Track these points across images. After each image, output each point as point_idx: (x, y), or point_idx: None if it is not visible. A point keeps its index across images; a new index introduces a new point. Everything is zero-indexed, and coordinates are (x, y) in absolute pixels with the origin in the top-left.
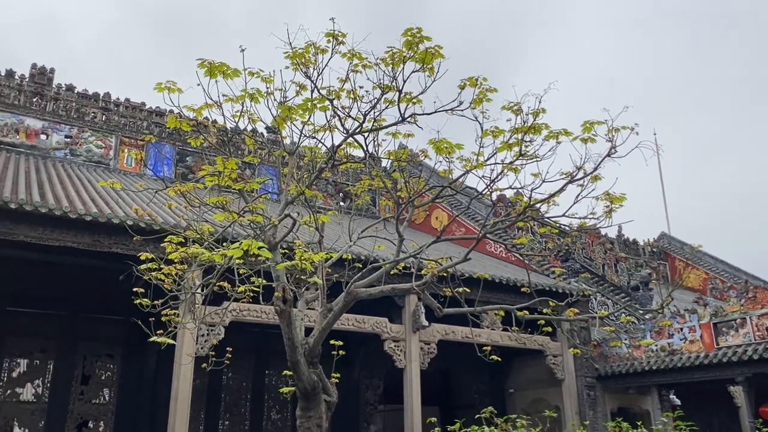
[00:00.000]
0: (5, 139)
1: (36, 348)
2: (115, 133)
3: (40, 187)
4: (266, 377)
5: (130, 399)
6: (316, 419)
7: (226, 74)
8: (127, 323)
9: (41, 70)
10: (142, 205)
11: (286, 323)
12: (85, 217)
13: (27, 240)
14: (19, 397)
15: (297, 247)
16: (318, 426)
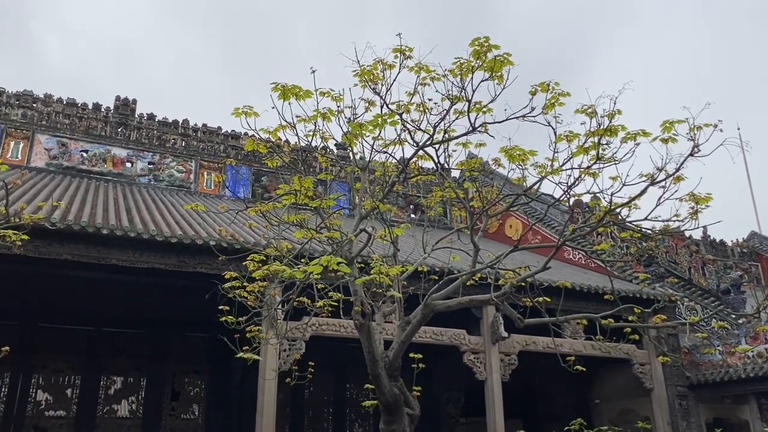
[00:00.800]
0: (94, 168)
1: (129, 366)
2: (194, 157)
3: (128, 213)
4: (347, 391)
5: (218, 414)
6: None
7: (299, 96)
8: (212, 340)
9: (124, 102)
10: (223, 225)
11: (365, 337)
12: (170, 239)
13: (119, 263)
14: (116, 413)
15: (373, 261)
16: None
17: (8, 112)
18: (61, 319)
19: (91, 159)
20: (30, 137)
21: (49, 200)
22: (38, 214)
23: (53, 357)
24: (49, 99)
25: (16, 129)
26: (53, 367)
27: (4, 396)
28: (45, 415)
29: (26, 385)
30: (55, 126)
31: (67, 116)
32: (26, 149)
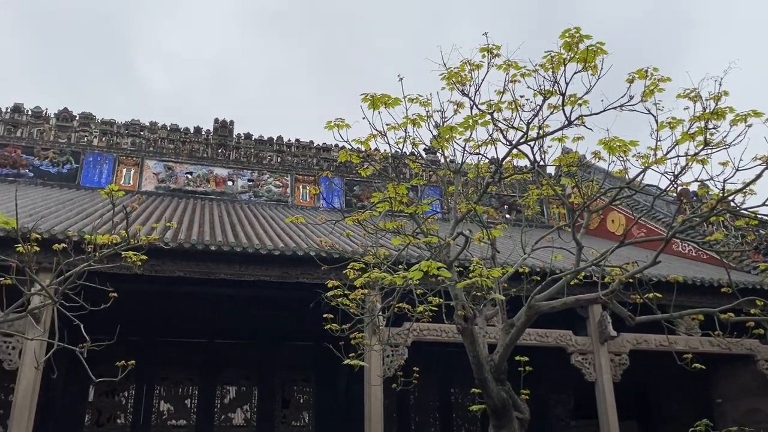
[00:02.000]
0: (199, 188)
1: (241, 376)
2: (289, 172)
3: (233, 229)
4: (452, 395)
5: (326, 421)
6: None
7: (387, 104)
8: (317, 348)
9: (222, 123)
10: (322, 236)
11: (469, 341)
12: (273, 252)
13: (227, 277)
14: (232, 422)
15: (473, 264)
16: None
17: (119, 141)
18: (177, 333)
19: (195, 180)
20: (139, 163)
21: (161, 221)
22: (153, 234)
23: (172, 369)
24: (154, 126)
25: (127, 156)
26: (173, 378)
27: (131, 407)
28: (168, 425)
29: (150, 396)
30: (162, 151)
31: (172, 141)
32: (137, 175)
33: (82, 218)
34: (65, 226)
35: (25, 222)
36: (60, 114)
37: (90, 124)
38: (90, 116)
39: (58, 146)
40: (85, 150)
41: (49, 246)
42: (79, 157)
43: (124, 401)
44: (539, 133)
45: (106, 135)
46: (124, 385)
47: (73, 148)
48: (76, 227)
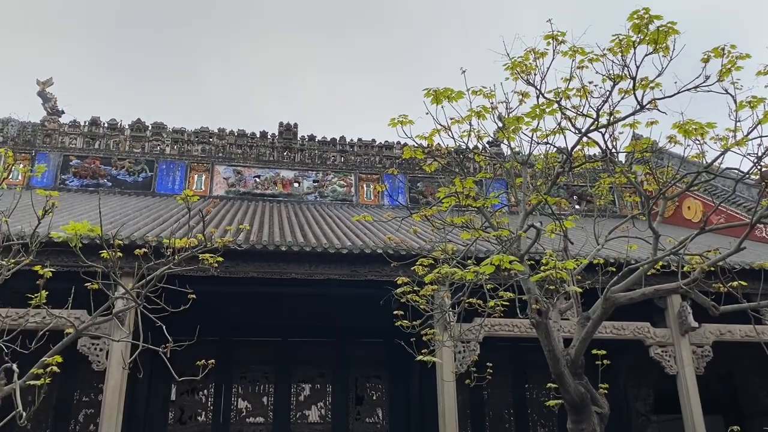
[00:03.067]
0: (266, 191)
1: (315, 373)
2: (353, 171)
3: (301, 229)
4: (526, 391)
5: (400, 417)
6: (589, 431)
7: (451, 98)
8: (389, 345)
9: (287, 127)
10: (389, 233)
11: (543, 335)
12: (342, 250)
13: (297, 277)
14: (308, 419)
15: (546, 257)
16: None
17: (190, 148)
18: (252, 333)
19: (263, 183)
20: (210, 169)
21: (233, 223)
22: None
23: (249, 368)
24: (222, 132)
25: (197, 163)
26: (250, 377)
27: (211, 405)
28: (246, 422)
29: (228, 394)
30: (230, 156)
31: (239, 146)
32: (208, 180)
33: (159, 224)
34: (144, 232)
35: (107, 229)
36: (134, 125)
37: (162, 133)
38: (161, 125)
39: (133, 156)
40: (158, 158)
41: (130, 251)
42: (153, 165)
43: (205, 399)
44: (610, 119)
45: (178, 143)
46: (205, 384)
47: (147, 157)
48: (154, 232)
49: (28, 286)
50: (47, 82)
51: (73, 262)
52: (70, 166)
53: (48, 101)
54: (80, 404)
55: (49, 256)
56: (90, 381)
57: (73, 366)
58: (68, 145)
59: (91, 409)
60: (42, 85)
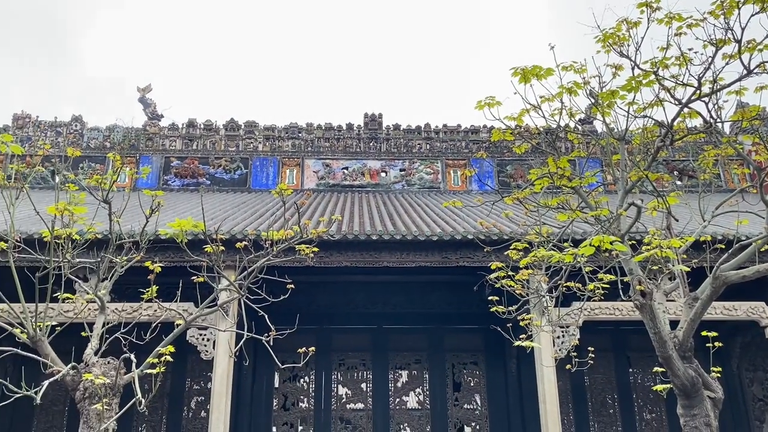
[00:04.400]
0: (354, 182)
1: (411, 360)
2: (439, 158)
3: (390, 218)
4: (630, 375)
5: (498, 403)
6: (702, 417)
7: (539, 76)
8: (485, 331)
9: (372, 117)
10: (479, 219)
11: (648, 317)
12: (432, 237)
13: (389, 265)
14: (406, 405)
15: (649, 236)
16: (706, 425)
17: (281, 144)
18: (349, 321)
19: (351, 174)
20: (300, 163)
21: (325, 215)
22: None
23: (347, 355)
24: (310, 127)
25: (288, 158)
26: (348, 364)
27: (313, 392)
28: (347, 408)
29: (328, 381)
30: (319, 150)
31: (327, 139)
32: (299, 174)
33: (256, 218)
34: (243, 226)
35: (209, 225)
36: (228, 124)
37: (254, 131)
38: (254, 124)
39: (229, 154)
40: (252, 155)
41: (231, 245)
42: (248, 162)
43: (306, 386)
44: (713, 87)
45: (269, 140)
46: (306, 371)
47: (241, 155)
48: (252, 226)
49: (139, 282)
50: (146, 88)
51: (180, 257)
52: (171, 167)
53: (148, 107)
54: (191, 392)
55: (157, 252)
56: (200, 369)
57: (184, 356)
58: (168, 147)
59: (202, 397)
60: (142, 92)
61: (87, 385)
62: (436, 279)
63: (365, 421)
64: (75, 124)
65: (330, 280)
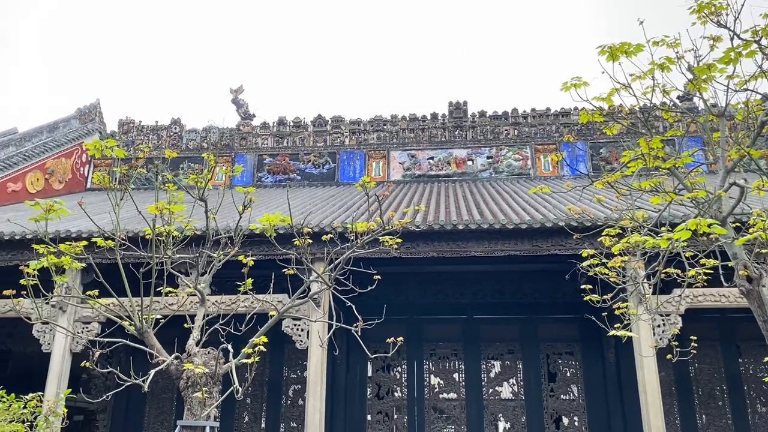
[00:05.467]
0: (441, 172)
1: (504, 350)
2: (528, 143)
3: (477, 207)
4: (741, 366)
5: (596, 394)
6: None
7: (628, 52)
8: (579, 320)
9: (456, 106)
10: (570, 204)
11: (756, 304)
12: (521, 225)
13: (477, 254)
14: (500, 395)
15: (754, 217)
16: None
17: (366, 137)
18: (438, 311)
19: (437, 164)
20: (386, 155)
21: (411, 206)
22: (405, 219)
23: (438, 345)
24: (395, 119)
25: (374, 150)
26: (439, 354)
27: (406, 381)
28: (440, 398)
29: (420, 371)
30: (404, 141)
31: (412, 130)
32: (384, 166)
33: (343, 211)
34: (330, 219)
35: (297, 219)
36: (315, 120)
37: (340, 125)
38: (340, 119)
39: (317, 149)
40: (339, 149)
41: (318, 238)
42: (335, 156)
43: (399, 376)
44: None
45: (355, 133)
46: (397, 361)
47: (329, 149)
48: (339, 219)
49: (235, 275)
50: (239, 89)
51: (271, 250)
52: (264, 164)
53: (240, 107)
54: (289, 380)
55: (251, 246)
56: (296, 359)
57: (281, 345)
58: (261, 145)
59: (299, 385)
60: (234, 93)
61: (189, 374)
62: (527, 268)
63: (459, 410)
64: (174, 127)
65: (417, 270)
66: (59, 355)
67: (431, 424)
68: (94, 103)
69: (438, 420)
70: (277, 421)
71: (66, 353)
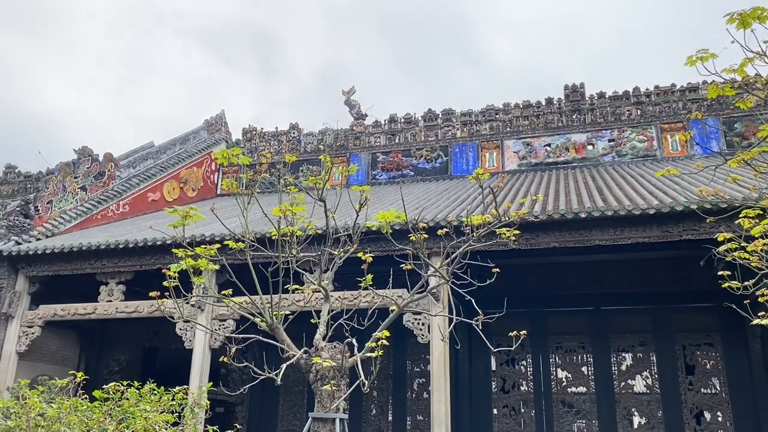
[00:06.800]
0: (559, 159)
1: (635, 342)
2: (652, 123)
3: (600, 193)
4: None
5: (742, 387)
6: None
7: (762, 18)
8: (718, 309)
9: (573, 88)
10: (701, 186)
11: None
12: (648, 210)
13: (601, 243)
14: (633, 388)
15: None
16: None
17: (478, 128)
18: (562, 303)
19: (554, 151)
20: (499, 145)
21: (528, 196)
22: (522, 209)
23: (563, 338)
24: (507, 107)
25: (487, 141)
26: (566, 347)
27: (531, 375)
28: (568, 392)
29: (546, 364)
30: (518, 129)
31: (526, 117)
32: (498, 156)
33: (457, 204)
34: (445, 214)
35: (412, 215)
36: (426, 115)
37: (451, 118)
38: (450, 111)
39: (428, 144)
40: (451, 143)
41: (434, 233)
42: (447, 150)
43: (524, 369)
44: None
45: (467, 125)
46: (521, 355)
47: (440, 143)
48: (453, 213)
49: (355, 271)
50: (350, 91)
51: (389, 246)
52: (377, 162)
53: (353, 108)
54: (413, 374)
55: (368, 243)
56: (418, 352)
57: (403, 339)
58: (374, 143)
59: (422, 378)
60: (347, 95)
61: (318, 367)
62: (656, 255)
63: (589, 405)
64: (293, 132)
65: (538, 261)
66: (200, 351)
67: (560, 418)
68: (219, 113)
69: (567, 414)
70: (403, 413)
71: (206, 349)
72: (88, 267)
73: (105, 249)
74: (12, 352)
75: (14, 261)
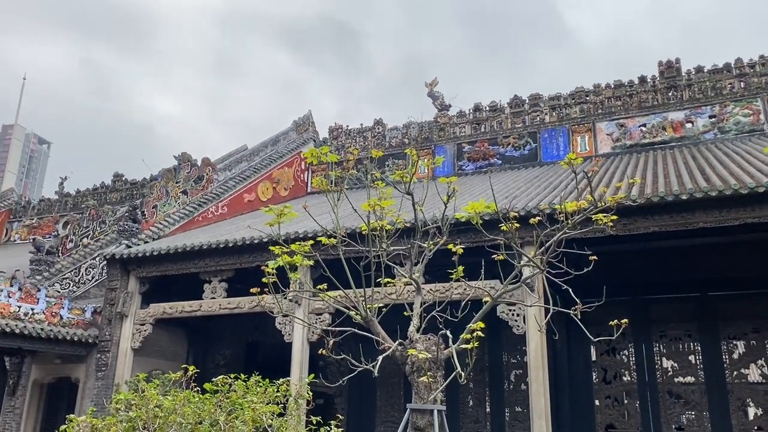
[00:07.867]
0: (656, 139)
1: (748, 329)
2: (758, 95)
3: (702, 172)
4: None
5: None
6: None
7: None
8: None
9: (668, 65)
10: None
11: None
12: (758, 189)
13: (706, 225)
14: (747, 378)
15: None
16: None
17: (568, 112)
18: (665, 290)
19: (650, 131)
20: (591, 128)
21: (624, 179)
22: (619, 194)
23: (667, 326)
24: (598, 88)
25: (577, 124)
26: (670, 335)
27: (634, 365)
28: (674, 381)
29: (650, 353)
30: (610, 111)
31: (618, 98)
32: (591, 139)
33: (549, 191)
34: (537, 201)
35: (502, 204)
36: (512, 102)
37: (539, 103)
38: (538, 96)
39: (516, 131)
40: (539, 128)
41: (526, 221)
42: (536, 136)
43: (626, 359)
44: None
45: (555, 109)
46: (623, 344)
47: (528, 129)
48: (546, 200)
49: (445, 263)
50: (433, 82)
51: (479, 237)
52: (463, 152)
53: (436, 99)
54: (509, 365)
55: (458, 235)
56: (514, 344)
57: (497, 331)
58: (458, 134)
59: (519, 370)
60: (430, 87)
61: (413, 359)
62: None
63: (698, 395)
64: (377, 127)
65: (638, 247)
66: (299, 344)
67: (667, 409)
68: (306, 114)
69: (675, 405)
70: (501, 405)
71: (304, 342)
72: (192, 266)
73: (207, 249)
74: (128, 348)
75: (125, 263)
